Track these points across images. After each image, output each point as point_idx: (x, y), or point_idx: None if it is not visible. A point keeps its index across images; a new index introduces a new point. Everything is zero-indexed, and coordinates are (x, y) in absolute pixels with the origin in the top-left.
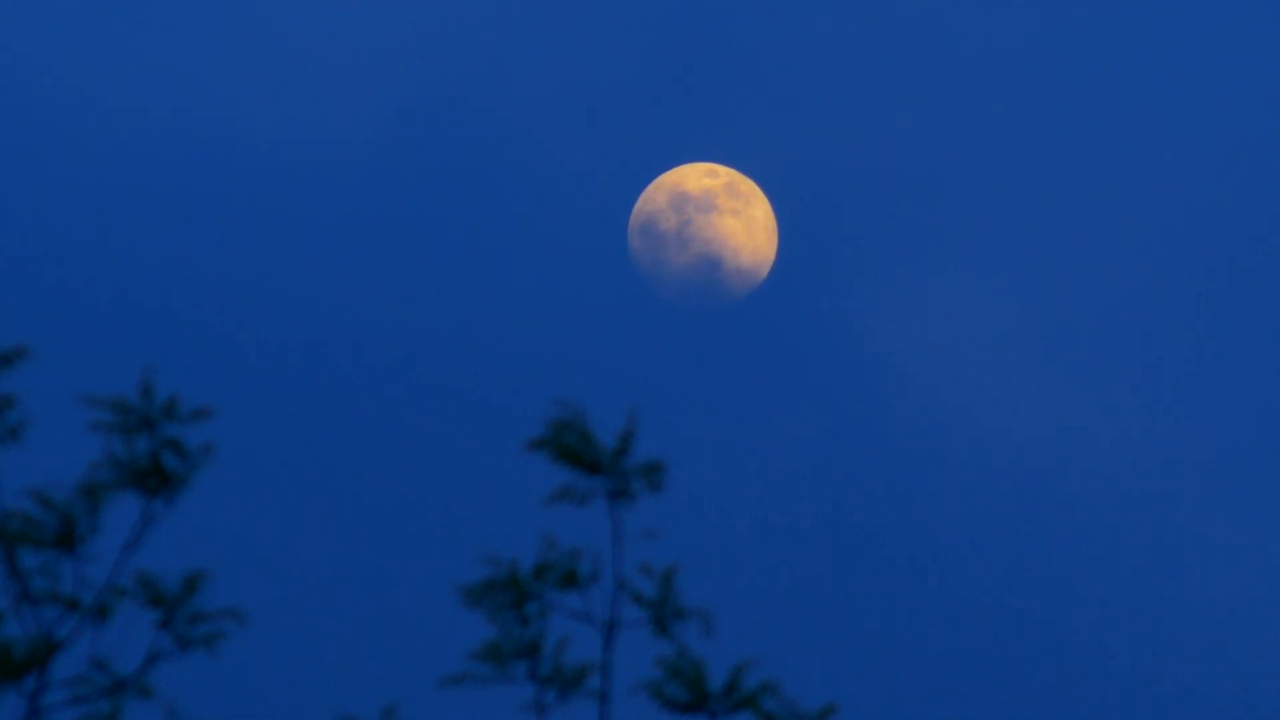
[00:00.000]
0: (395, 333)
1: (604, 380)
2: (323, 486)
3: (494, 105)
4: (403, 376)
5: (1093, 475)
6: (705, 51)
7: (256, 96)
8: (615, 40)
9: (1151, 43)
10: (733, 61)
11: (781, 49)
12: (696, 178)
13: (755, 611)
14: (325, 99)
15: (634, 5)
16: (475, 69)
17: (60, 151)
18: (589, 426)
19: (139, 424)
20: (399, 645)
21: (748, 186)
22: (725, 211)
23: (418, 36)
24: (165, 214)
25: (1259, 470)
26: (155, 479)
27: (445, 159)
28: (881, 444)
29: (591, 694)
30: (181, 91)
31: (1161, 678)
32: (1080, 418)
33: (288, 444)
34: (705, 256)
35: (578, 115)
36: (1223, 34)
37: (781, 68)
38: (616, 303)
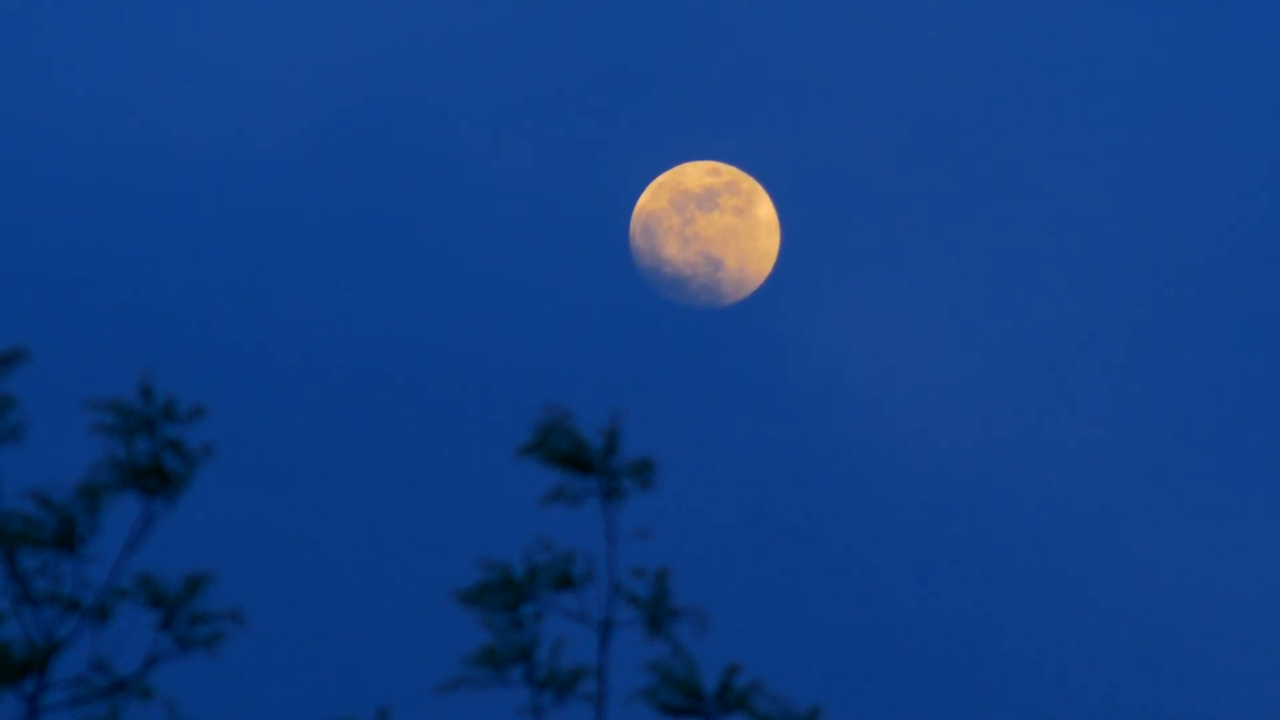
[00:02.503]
0: (391, 333)
1: (605, 381)
2: (319, 488)
3: (495, 104)
4: (398, 377)
5: (1057, 481)
6: (708, 47)
7: (245, 96)
8: (615, 36)
9: (1105, 54)
10: (737, 58)
11: (785, 46)
12: (698, 176)
13: (749, 610)
14: (320, 96)
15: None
16: (475, 65)
17: (40, 154)
18: (577, 428)
19: (139, 425)
20: (396, 647)
21: (750, 185)
22: (727, 210)
23: (415, 33)
24: (161, 217)
25: (1197, 477)
26: (155, 479)
27: (443, 157)
28: (863, 448)
29: (588, 697)
30: (166, 94)
31: (1108, 682)
32: (1059, 422)
33: (284, 446)
34: (707, 255)
35: (579, 112)
36: (1161, 46)
37: (786, 65)
38: (617, 303)
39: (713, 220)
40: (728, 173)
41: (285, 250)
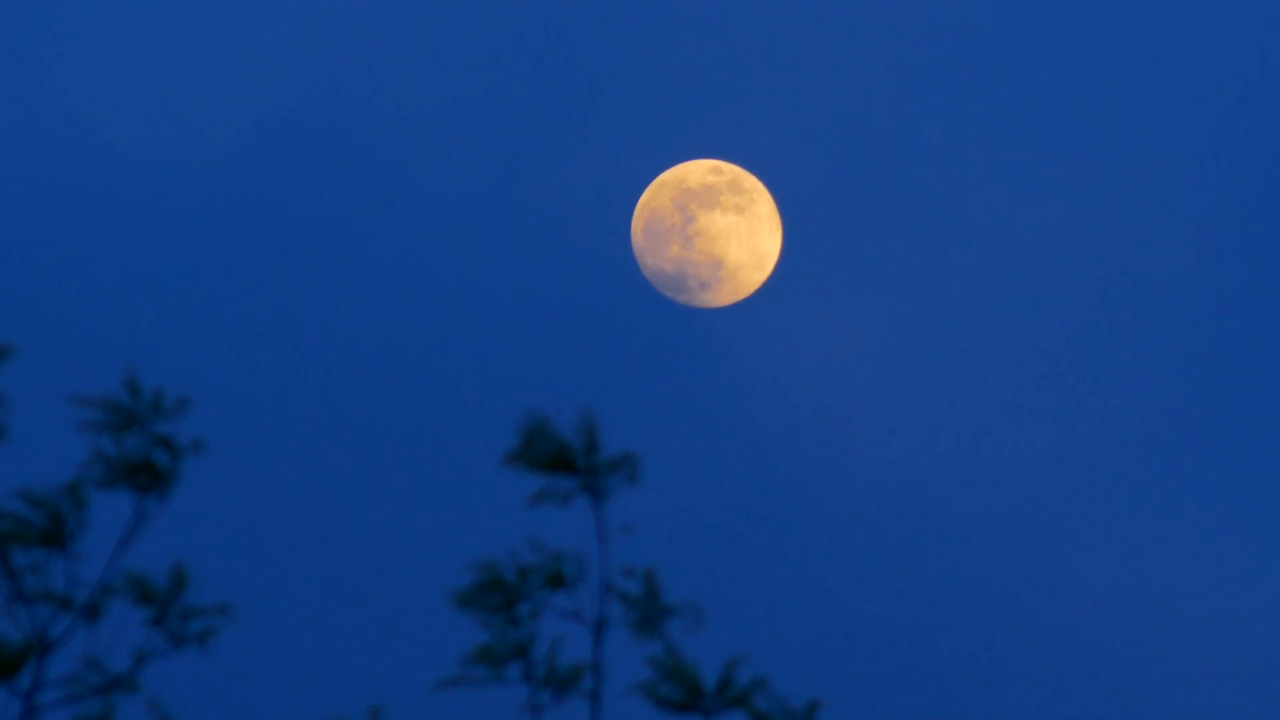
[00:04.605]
0: (385, 332)
1: (605, 382)
2: (314, 487)
3: (494, 101)
4: (393, 375)
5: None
6: (710, 45)
7: (237, 92)
8: (616, 32)
9: (1100, 62)
10: (738, 56)
11: (787, 45)
12: (700, 174)
13: (746, 607)
14: (318, 92)
15: None
16: (472, 61)
17: (19, 152)
18: (558, 430)
19: (128, 421)
20: (391, 646)
21: (752, 183)
22: (729, 209)
23: (411, 28)
24: (150, 215)
25: (1146, 485)
26: (146, 475)
27: (440, 155)
28: (861, 448)
29: (585, 694)
30: (148, 94)
31: (1042, 690)
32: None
33: (279, 445)
34: (708, 254)
35: (580, 111)
36: (1095, 58)
37: (787, 65)
38: (617, 302)
39: (714, 219)
40: (730, 171)
41: (280, 248)
